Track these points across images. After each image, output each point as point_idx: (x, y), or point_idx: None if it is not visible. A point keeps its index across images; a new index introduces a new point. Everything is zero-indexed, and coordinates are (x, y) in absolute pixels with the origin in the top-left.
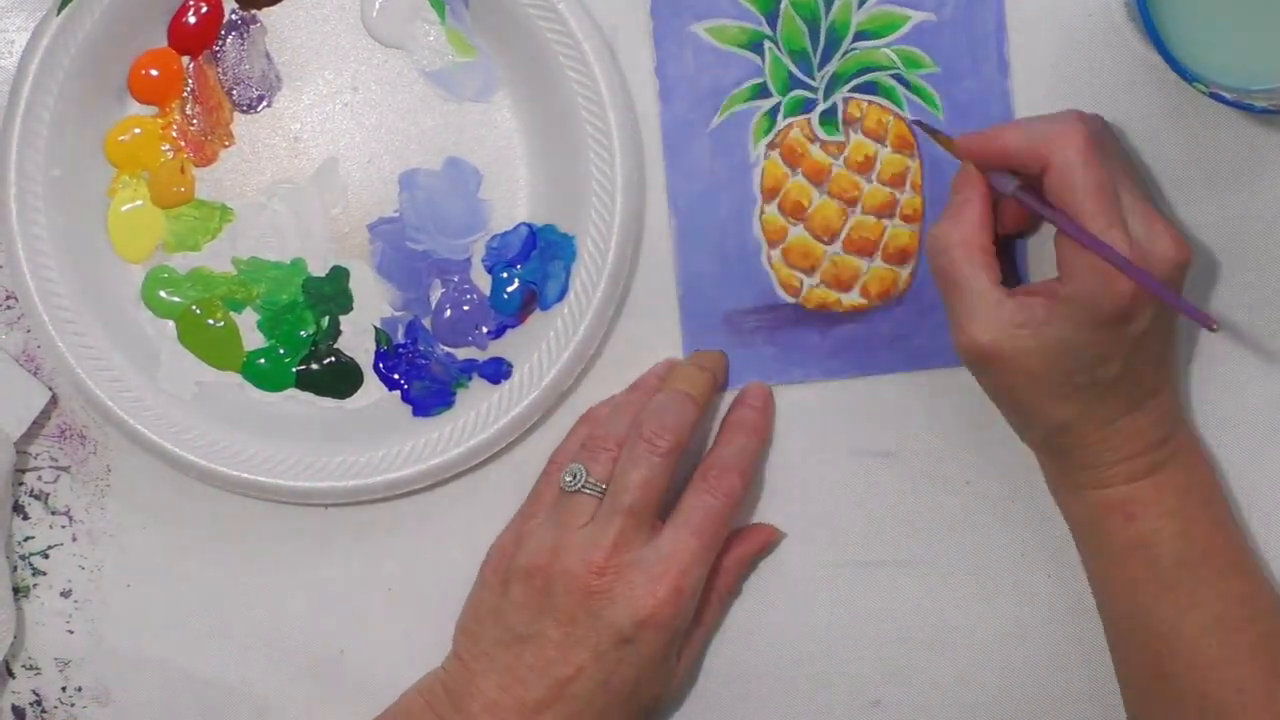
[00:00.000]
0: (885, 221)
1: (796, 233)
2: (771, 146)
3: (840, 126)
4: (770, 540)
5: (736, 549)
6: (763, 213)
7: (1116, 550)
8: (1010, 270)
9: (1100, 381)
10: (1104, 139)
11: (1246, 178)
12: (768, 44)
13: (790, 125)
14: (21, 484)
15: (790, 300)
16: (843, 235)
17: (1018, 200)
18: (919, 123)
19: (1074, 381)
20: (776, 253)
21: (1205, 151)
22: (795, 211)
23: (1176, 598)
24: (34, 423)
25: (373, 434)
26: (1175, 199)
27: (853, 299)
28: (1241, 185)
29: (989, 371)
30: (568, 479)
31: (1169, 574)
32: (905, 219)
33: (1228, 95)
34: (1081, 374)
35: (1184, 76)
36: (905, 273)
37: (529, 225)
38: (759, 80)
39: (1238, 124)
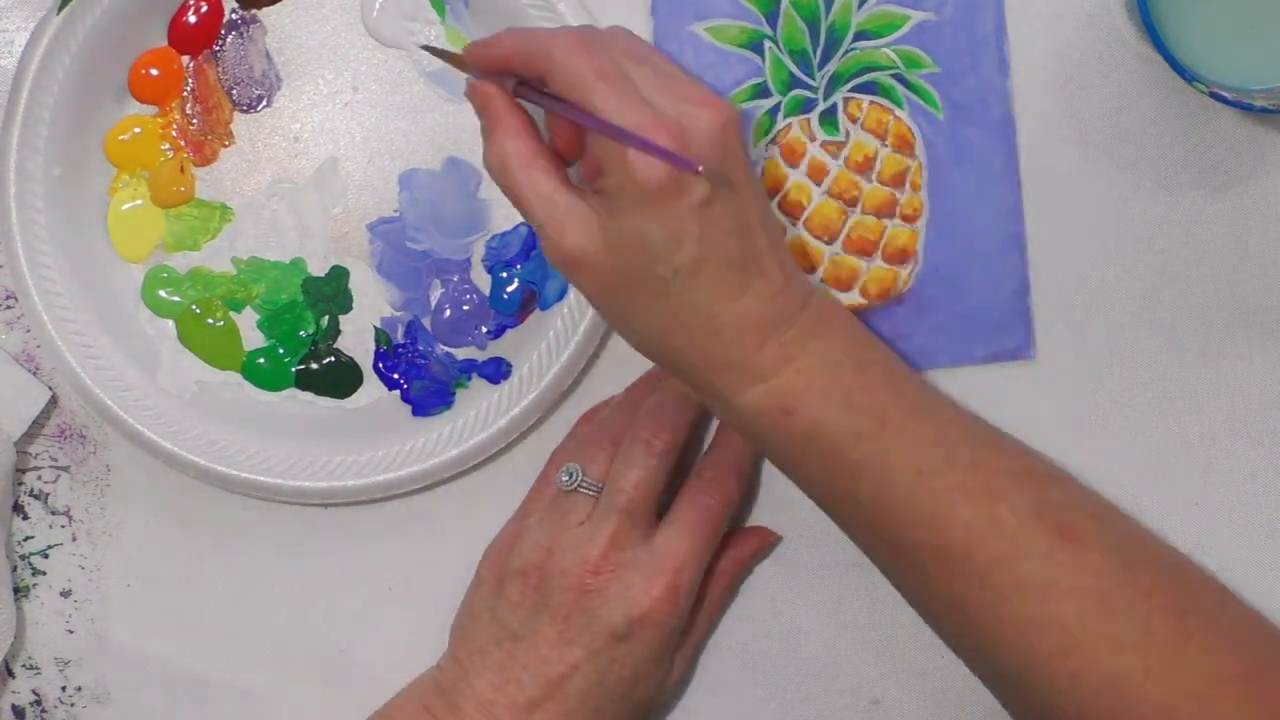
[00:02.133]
0: (885, 221)
1: (796, 232)
2: (771, 146)
3: (840, 126)
4: (767, 543)
5: (733, 551)
6: None
7: (793, 450)
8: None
9: (681, 267)
10: (602, 36)
11: (1246, 177)
12: (768, 44)
13: (790, 124)
14: (21, 484)
15: None
16: (842, 235)
17: (520, 96)
18: (426, 47)
19: (655, 274)
20: None
21: (1205, 151)
22: (794, 211)
23: (871, 473)
24: (34, 422)
25: (372, 434)
26: (1175, 199)
27: (852, 299)
28: (1241, 185)
29: (581, 277)
30: (564, 478)
31: (853, 453)
32: (905, 219)
33: (1228, 95)
34: (662, 264)
35: (1184, 76)
36: (905, 273)
37: (529, 225)
38: (759, 80)
39: (1238, 124)
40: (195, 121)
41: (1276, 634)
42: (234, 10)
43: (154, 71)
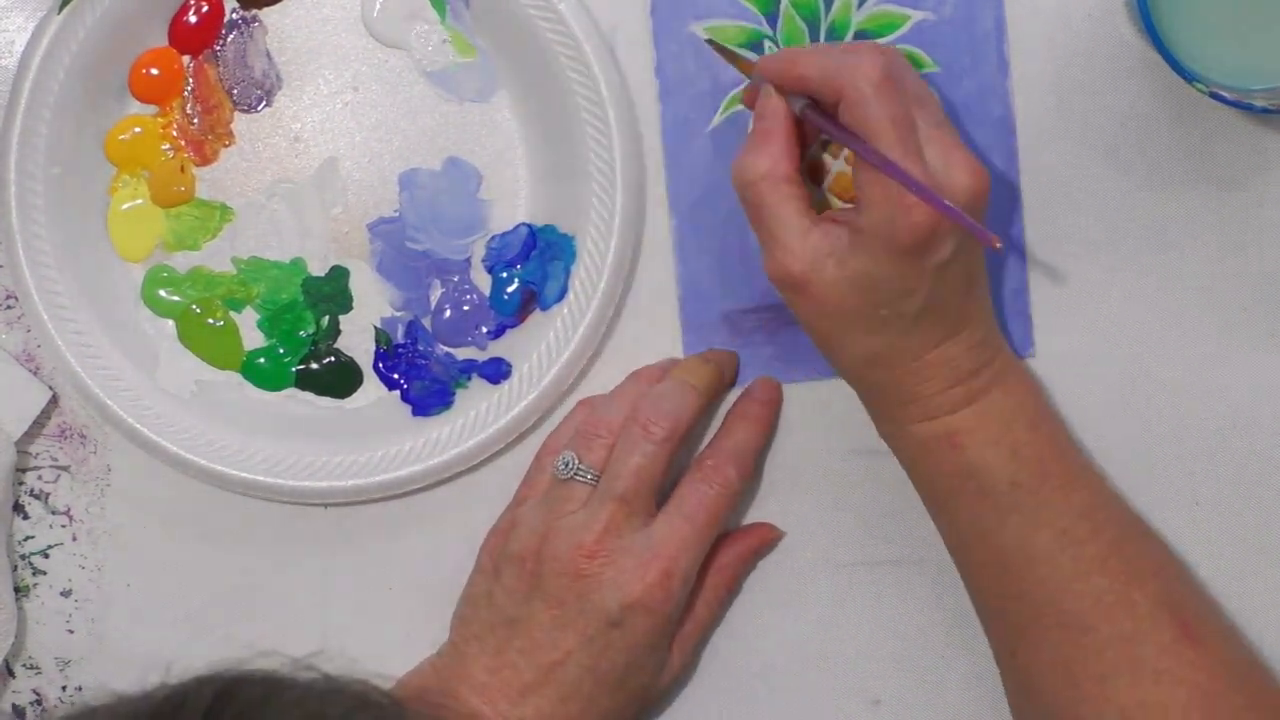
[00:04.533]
0: None
1: None
2: None
3: None
4: (769, 539)
5: (735, 545)
6: None
7: (949, 481)
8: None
9: (904, 315)
10: (900, 70)
11: (1246, 178)
12: (768, 44)
13: None
14: (22, 484)
15: None
16: None
17: (806, 120)
18: (711, 42)
19: (878, 315)
20: None
21: (1205, 151)
22: None
23: (1018, 520)
24: (34, 422)
25: (373, 434)
26: (1175, 199)
27: None
28: (1241, 185)
29: (798, 300)
30: (560, 467)
31: (1006, 498)
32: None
33: (1228, 95)
34: (885, 307)
35: (1184, 76)
36: None
37: (529, 225)
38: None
39: (1238, 124)
40: (195, 121)
41: None
42: (234, 10)
43: (154, 71)
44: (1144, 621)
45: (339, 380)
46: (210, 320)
